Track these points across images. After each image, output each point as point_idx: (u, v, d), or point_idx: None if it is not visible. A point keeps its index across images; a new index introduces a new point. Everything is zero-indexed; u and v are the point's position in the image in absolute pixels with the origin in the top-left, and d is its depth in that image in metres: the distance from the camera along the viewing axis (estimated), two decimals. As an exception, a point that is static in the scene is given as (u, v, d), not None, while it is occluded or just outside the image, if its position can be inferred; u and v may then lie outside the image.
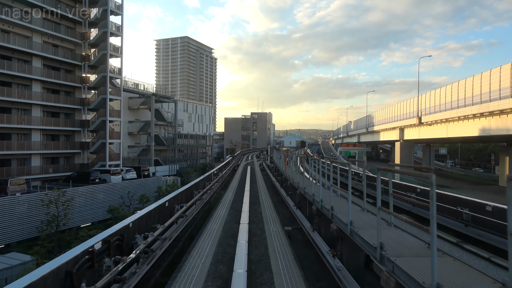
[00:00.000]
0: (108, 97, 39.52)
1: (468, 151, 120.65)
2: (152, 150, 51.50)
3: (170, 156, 55.88)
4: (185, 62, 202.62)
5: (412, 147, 64.67)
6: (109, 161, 40.26)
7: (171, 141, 56.69)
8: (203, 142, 67.69)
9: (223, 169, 29.69)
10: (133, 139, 55.31)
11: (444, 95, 44.06)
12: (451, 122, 43.66)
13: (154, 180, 35.13)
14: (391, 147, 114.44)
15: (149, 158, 51.30)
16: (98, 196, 28.70)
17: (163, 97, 54.43)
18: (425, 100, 49.75)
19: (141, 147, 55.04)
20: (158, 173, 52.09)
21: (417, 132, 54.68)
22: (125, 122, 53.70)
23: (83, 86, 40.70)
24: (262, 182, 26.71)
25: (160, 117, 55.40)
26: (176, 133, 57.78)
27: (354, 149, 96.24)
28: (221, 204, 17.37)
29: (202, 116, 78.25)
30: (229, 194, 21.08)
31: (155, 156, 54.32)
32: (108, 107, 40.10)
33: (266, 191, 22.30)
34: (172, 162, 55.86)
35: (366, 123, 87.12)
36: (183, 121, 66.71)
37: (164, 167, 53.75)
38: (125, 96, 53.62)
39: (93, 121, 40.42)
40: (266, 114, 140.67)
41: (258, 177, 30.70)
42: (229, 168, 32.30)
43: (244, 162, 47.59)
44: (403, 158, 60.48)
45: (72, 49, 40.82)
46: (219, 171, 27.91)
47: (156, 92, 53.82)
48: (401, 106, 59.51)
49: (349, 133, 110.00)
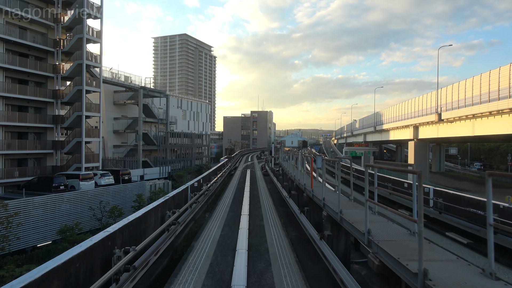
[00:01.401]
0: (84, 88, 33.85)
1: (478, 151, 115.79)
2: (140, 150, 45.88)
3: (161, 157, 50.25)
4: (184, 60, 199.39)
5: (428, 147, 59.39)
6: (86, 163, 34.63)
7: (162, 140, 51.06)
8: (199, 141, 62.04)
9: (212, 176, 22.56)
10: (119, 138, 49.65)
11: (470, 87, 38.38)
12: (478, 119, 38.06)
13: (135, 187, 29.47)
14: (396, 147, 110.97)
15: (137, 159, 45.69)
16: (61, 207, 23.09)
17: (153, 91, 48.77)
18: (446, 95, 44.24)
19: (128, 146, 49.41)
20: (147, 176, 46.49)
21: (435, 130, 49.32)
22: (110, 119, 48.07)
23: (56, 75, 35.03)
24: (268, 200, 18.81)
25: (149, 114, 49.72)
26: (168, 131, 52.11)
27: (360, 149, 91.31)
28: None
29: (198, 113, 72.43)
30: (213, 227, 12.63)
31: (144, 157, 48.68)
32: (85, 100, 34.43)
33: (279, 225, 13.11)
34: (164, 163, 50.25)
35: (373, 122, 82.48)
36: (177, 118, 61.06)
37: (154, 169, 48.14)
38: (110, 89, 47.99)
39: (67, 117, 34.74)
40: (266, 112, 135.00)
41: (261, 188, 22.76)
42: (223, 174, 26.13)
43: (243, 165, 41.77)
44: (418, 159, 55.62)
45: (43, 33, 35.13)
46: (204, 180, 19.67)
47: (145, 86, 48.16)
48: (415, 102, 54.30)
49: (354, 132, 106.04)
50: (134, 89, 46.41)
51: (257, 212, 15.58)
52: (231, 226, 12.61)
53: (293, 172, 16.06)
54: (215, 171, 24.43)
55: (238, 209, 15.70)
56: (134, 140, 48.84)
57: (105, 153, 47.16)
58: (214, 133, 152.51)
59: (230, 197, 19.60)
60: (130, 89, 46.74)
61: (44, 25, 34.63)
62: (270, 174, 28.06)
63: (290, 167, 17.61)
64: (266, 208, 16.54)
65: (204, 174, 20.78)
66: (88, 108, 35.09)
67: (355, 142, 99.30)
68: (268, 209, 16.45)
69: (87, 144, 36.02)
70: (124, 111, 49.95)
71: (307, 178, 11.82)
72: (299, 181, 13.08)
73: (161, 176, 49.12)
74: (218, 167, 26.49)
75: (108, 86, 46.46)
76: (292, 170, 16.43)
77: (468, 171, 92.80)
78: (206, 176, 20.66)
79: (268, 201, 18.49)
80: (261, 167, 38.68)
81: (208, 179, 20.19)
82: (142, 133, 46.62)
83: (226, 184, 23.82)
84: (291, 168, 17.28)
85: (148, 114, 49.75)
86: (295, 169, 15.23)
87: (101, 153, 36.54)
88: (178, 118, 63.31)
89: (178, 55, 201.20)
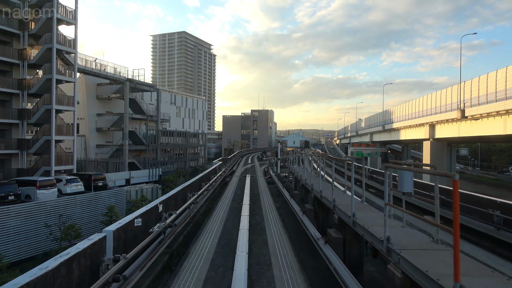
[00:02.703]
0: (54, 77, 28.55)
1: (489, 152, 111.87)
2: (125, 150, 40.60)
3: (151, 158, 44.96)
4: (183, 58, 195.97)
5: (445, 147, 54.30)
6: (57, 166, 29.36)
7: (153, 140, 45.75)
8: (195, 140, 56.71)
9: (196, 188, 16.71)
10: (103, 136, 44.36)
11: (503, 80, 33.14)
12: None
13: (110, 195, 24.18)
14: (402, 148, 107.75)
15: (122, 160, 40.41)
16: (8, 223, 17.86)
17: (141, 84, 43.42)
18: (470, 88, 39.05)
19: (114, 146, 44.13)
20: (134, 180, 41.20)
21: (455, 128, 44.28)
22: (93, 115, 42.77)
23: (23, 62, 29.74)
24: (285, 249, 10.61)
25: (138, 109, 44.43)
26: (159, 130, 46.78)
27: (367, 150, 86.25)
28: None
29: (193, 111, 66.96)
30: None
31: (131, 158, 43.43)
32: (56, 91, 29.18)
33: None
34: (154, 165, 44.95)
35: (381, 120, 77.95)
36: (170, 115, 55.81)
37: (143, 172, 42.84)
38: (92, 81, 42.69)
39: (35, 111, 29.45)
40: (267, 111, 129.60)
41: (269, 212, 14.67)
42: (213, 183, 19.45)
43: (242, 168, 35.87)
44: (434, 161, 50.80)
45: (7, 12, 29.85)
46: (177, 197, 13.27)
47: (133, 78, 42.81)
48: (431, 98, 49.67)
49: (359, 132, 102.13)
50: (120, 82, 41.13)
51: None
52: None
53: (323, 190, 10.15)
54: (198, 181, 17.81)
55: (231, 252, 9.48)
56: (121, 139, 43.57)
57: (86, 154, 41.93)
58: (213, 133, 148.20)
59: (218, 226, 12.53)
60: (115, 81, 41.47)
61: (7, 2, 29.37)
62: (277, 183, 21.38)
63: (322, 184, 11.30)
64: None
65: (189, 182, 15.35)
66: (60, 100, 29.80)
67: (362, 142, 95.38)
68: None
69: (59, 143, 30.79)
70: (109, 106, 44.64)
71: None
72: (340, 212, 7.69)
73: (150, 180, 43.84)
74: (205, 175, 20.24)
75: (91, 78, 41.24)
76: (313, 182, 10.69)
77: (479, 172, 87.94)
78: (179, 194, 13.31)
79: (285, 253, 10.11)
80: (263, 171, 33.05)
81: (188, 191, 14.32)
82: (128, 131, 41.35)
83: (218, 196, 18.05)
84: (322, 185, 11.10)
85: (136, 110, 44.46)
86: (316, 179, 9.57)
87: (75, 154, 31.20)
88: (172, 115, 58.00)
89: (177, 53, 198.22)
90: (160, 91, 49.14)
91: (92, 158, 40.49)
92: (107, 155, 43.60)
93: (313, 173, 14.02)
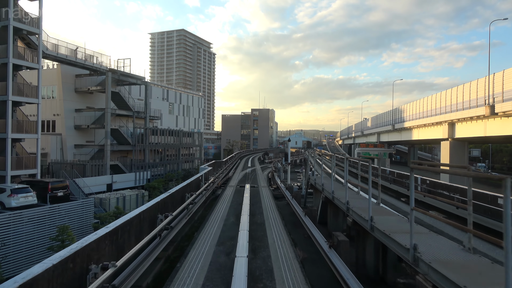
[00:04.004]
0: (11, 61, 23.24)
1: (501, 152, 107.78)
2: (107, 151, 35.27)
3: (137, 159, 39.62)
4: (182, 57, 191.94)
5: (466, 148, 49.23)
6: (16, 170, 24.05)
7: (140, 139, 40.41)
8: (189, 140, 51.34)
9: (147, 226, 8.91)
10: (83, 135, 38.99)
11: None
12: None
13: (71, 208, 18.87)
14: (409, 148, 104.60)
15: (104, 162, 35.07)
16: None
17: (126, 75, 37.98)
18: (502, 81, 33.94)
19: (96, 146, 38.80)
20: (118, 185, 35.95)
21: (481, 127, 39.33)
22: (70, 111, 37.42)
23: (-26, 44, 24.43)
24: None
25: (123, 105, 39.08)
26: (148, 128, 41.41)
27: (374, 150, 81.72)
28: None
29: (188, 107, 61.33)
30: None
31: (115, 159, 38.10)
32: (14, 78, 23.89)
33: None
34: (141, 168, 39.64)
35: (391, 119, 73.23)
36: (162, 112, 50.46)
37: (128, 176, 37.52)
38: (70, 72, 37.32)
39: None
40: (268, 110, 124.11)
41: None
42: (190, 205, 11.99)
43: (240, 174, 29.64)
44: (455, 163, 45.65)
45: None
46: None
47: (117, 69, 37.42)
48: (451, 94, 44.94)
49: (365, 132, 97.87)
50: (102, 72, 35.79)
51: None
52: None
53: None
54: (153, 211, 9.37)
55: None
56: (104, 138, 38.23)
57: (62, 155, 36.60)
58: (212, 133, 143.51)
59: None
60: (96, 72, 36.14)
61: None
62: (290, 203, 13.98)
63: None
64: None
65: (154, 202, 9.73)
66: (20, 90, 24.47)
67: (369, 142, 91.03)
68: None
69: (19, 143, 25.47)
70: (90, 101, 39.28)
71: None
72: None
73: (137, 185, 38.56)
74: (177, 193, 12.18)
75: (68, 68, 35.95)
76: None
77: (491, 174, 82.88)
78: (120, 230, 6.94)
79: None
80: (266, 178, 27.14)
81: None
82: (110, 129, 36.01)
83: (185, 249, 8.78)
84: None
85: (121, 106, 39.11)
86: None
87: (39, 156, 25.83)
88: (164, 112, 52.64)
89: (176, 51, 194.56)
90: (149, 85, 43.73)
91: (69, 160, 35.16)
92: (87, 157, 38.29)
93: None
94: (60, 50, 31.75)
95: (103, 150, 37.78)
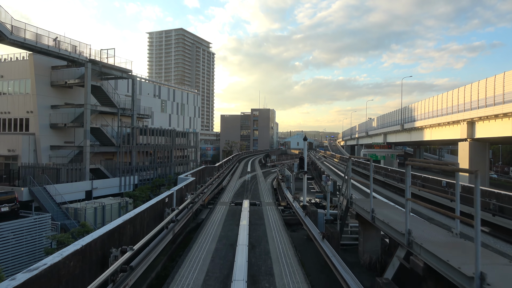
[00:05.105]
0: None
1: (510, 154, 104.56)
2: (86, 153, 30.73)
3: (123, 162, 35.07)
4: (180, 56, 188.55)
5: (487, 149, 44.93)
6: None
7: (126, 139, 35.88)
8: (183, 141, 46.79)
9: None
10: (61, 135, 34.42)
11: None
12: None
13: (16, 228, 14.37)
14: (414, 150, 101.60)
15: (82, 166, 30.52)
16: None
17: (109, 67, 33.34)
18: (537, 73, 29.61)
19: (75, 148, 34.25)
20: (99, 192, 31.45)
21: (508, 125, 35.24)
22: (45, 107, 32.88)
23: None
24: None
25: (106, 101, 34.55)
26: (135, 127, 36.88)
27: (381, 152, 77.93)
28: None
29: (183, 105, 56.49)
30: None
31: (97, 163, 33.57)
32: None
33: None
34: (127, 172, 35.11)
35: (400, 118, 69.32)
36: (153, 110, 45.96)
37: (111, 181, 32.97)
38: (44, 63, 32.77)
39: None
40: (269, 110, 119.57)
41: None
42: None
43: (237, 182, 23.59)
44: (475, 166, 41.60)
45: None
46: None
47: (99, 60, 32.82)
48: (470, 90, 41.36)
49: (370, 133, 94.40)
50: (80, 63, 31.27)
51: None
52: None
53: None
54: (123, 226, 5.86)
55: None
56: (87, 138, 33.66)
57: (36, 157, 32.07)
58: (211, 134, 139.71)
59: None
60: (74, 63, 31.63)
61: None
62: (311, 236, 8.84)
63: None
64: None
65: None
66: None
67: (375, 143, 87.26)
68: None
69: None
70: (69, 96, 34.73)
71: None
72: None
73: (123, 191, 34.01)
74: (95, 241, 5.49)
75: (43, 59, 31.47)
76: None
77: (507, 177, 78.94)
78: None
79: None
80: (271, 187, 21.36)
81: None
82: (91, 128, 31.48)
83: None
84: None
85: (104, 101, 34.56)
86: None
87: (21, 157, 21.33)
88: (156, 110, 48.08)
89: (174, 50, 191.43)
90: (136, 78, 39.16)
91: (43, 164, 30.63)
92: (66, 159, 33.74)
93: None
94: (29, 36, 27.26)
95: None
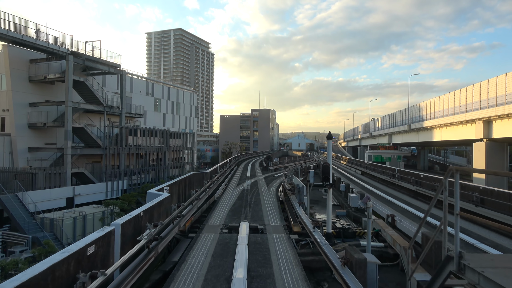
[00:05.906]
0: None
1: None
2: (67, 155, 27.54)
3: (110, 165, 31.89)
4: (179, 57, 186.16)
5: (506, 150, 41.75)
6: None
7: (114, 141, 32.70)
8: (179, 142, 43.60)
9: None
10: (40, 135, 31.23)
11: None
12: None
13: None
14: (419, 151, 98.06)
15: (63, 170, 27.32)
16: None
17: (93, 61, 30.12)
18: None
19: (58, 150, 31.07)
20: (82, 199, 28.22)
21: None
22: (23, 105, 29.69)
23: None
24: None
25: (91, 98, 31.38)
26: (124, 127, 33.71)
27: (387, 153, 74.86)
28: None
29: (178, 104, 53.16)
30: None
31: (81, 166, 30.37)
32: None
33: None
34: (115, 176, 31.91)
35: (406, 118, 66.35)
36: (146, 109, 42.79)
37: (96, 187, 29.75)
38: (22, 56, 29.60)
39: None
40: (269, 111, 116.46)
41: None
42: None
43: (235, 191, 19.73)
44: (492, 168, 39.23)
45: None
46: None
47: (83, 52, 29.68)
48: (487, 86, 38.83)
49: (374, 133, 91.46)
50: (61, 56, 28.12)
51: None
52: None
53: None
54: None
55: None
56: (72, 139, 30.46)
57: (13, 160, 28.87)
58: (210, 135, 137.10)
59: None
60: (55, 55, 28.47)
61: None
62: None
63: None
64: None
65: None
66: None
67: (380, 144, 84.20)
68: None
69: None
70: (50, 93, 31.55)
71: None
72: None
73: (110, 197, 30.80)
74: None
75: (20, 51, 28.36)
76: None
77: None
78: None
79: None
80: (276, 199, 17.30)
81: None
82: (73, 128, 28.31)
83: None
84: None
85: (89, 99, 31.41)
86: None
87: None
88: (148, 109, 44.89)
89: (173, 51, 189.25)
90: (126, 74, 35.99)
91: (19, 168, 27.44)
92: (47, 163, 30.54)
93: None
94: (13, 28, 24.18)
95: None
